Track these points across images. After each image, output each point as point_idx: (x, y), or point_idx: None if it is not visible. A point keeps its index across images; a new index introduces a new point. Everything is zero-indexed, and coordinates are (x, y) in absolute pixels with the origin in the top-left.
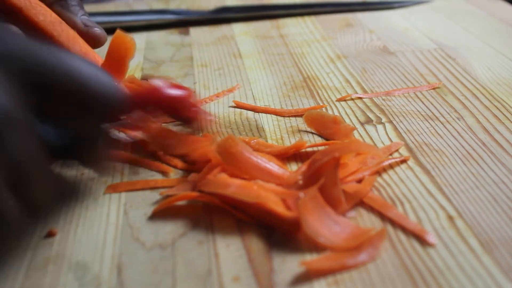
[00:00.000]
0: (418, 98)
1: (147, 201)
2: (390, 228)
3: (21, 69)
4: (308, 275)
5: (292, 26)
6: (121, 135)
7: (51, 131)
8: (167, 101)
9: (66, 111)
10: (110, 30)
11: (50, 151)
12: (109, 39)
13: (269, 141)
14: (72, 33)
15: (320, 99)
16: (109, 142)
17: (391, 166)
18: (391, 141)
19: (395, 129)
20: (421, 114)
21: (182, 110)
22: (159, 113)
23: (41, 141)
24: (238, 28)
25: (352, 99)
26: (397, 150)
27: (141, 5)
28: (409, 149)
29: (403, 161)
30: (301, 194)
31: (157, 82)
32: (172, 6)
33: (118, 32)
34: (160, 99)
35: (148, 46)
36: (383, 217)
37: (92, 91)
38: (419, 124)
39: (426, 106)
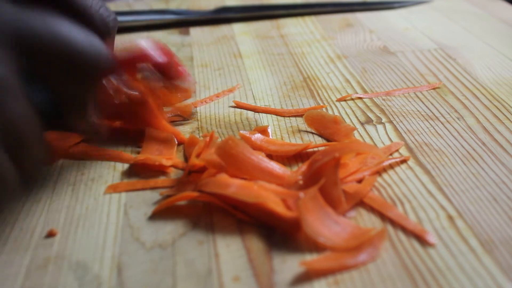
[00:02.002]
0: (418, 98)
1: (147, 201)
2: (390, 228)
3: (10, 34)
4: (308, 275)
5: (292, 26)
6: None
7: (40, 97)
8: (152, 64)
9: (55, 73)
10: None
11: (41, 117)
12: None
13: None
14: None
15: (320, 99)
16: (97, 106)
17: (391, 166)
18: (391, 141)
19: (395, 129)
20: (421, 114)
21: (166, 72)
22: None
23: (34, 106)
24: (238, 28)
25: (352, 99)
26: (397, 150)
27: (141, 5)
28: (409, 149)
29: (403, 161)
30: (301, 194)
31: (143, 44)
32: (172, 6)
33: None
34: (144, 61)
35: None
36: (383, 217)
37: (79, 50)
38: (419, 124)
39: (426, 106)
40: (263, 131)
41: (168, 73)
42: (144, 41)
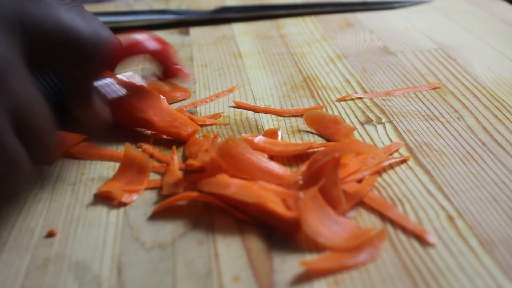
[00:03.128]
0: (418, 98)
1: (147, 201)
2: (390, 228)
3: (13, 23)
4: (308, 275)
5: (292, 26)
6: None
7: (47, 90)
8: (149, 53)
9: (57, 57)
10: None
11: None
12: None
13: None
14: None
15: (320, 99)
16: (99, 94)
17: (391, 166)
18: (391, 141)
19: (395, 129)
20: (421, 114)
21: (162, 62)
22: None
23: (40, 90)
24: (238, 28)
25: (352, 99)
26: (397, 150)
27: (141, 5)
28: (409, 149)
29: (403, 161)
30: (301, 194)
31: (139, 36)
32: (172, 6)
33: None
34: (142, 50)
35: None
36: (383, 217)
37: (79, 35)
38: (419, 124)
39: (426, 106)
40: (273, 133)
41: (166, 67)
42: (140, 34)
